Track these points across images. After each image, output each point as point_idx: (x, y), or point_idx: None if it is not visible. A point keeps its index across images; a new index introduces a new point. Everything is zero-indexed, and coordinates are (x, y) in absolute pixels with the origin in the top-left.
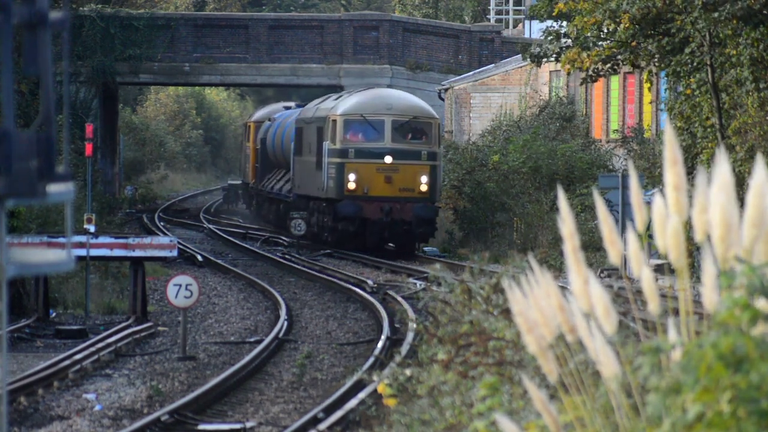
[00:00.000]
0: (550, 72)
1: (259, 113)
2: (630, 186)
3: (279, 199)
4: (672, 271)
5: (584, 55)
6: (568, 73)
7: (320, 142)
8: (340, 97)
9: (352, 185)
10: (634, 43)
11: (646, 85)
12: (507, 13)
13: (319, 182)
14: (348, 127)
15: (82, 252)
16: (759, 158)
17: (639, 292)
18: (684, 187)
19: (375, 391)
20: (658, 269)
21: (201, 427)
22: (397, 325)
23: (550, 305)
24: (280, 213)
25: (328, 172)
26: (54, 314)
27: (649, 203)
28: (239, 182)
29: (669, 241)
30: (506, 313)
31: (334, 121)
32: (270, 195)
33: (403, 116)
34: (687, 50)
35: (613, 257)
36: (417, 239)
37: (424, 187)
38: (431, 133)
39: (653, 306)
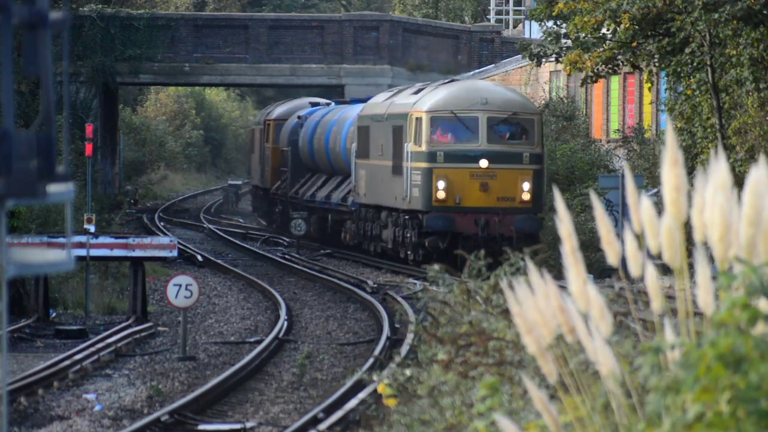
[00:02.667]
0: (550, 72)
1: (279, 110)
2: (628, 187)
3: (324, 208)
4: (666, 272)
5: (585, 56)
6: (569, 74)
7: (398, 143)
8: (421, 90)
9: (441, 194)
10: (634, 44)
11: (646, 86)
12: (507, 13)
13: (398, 191)
14: (436, 126)
15: (82, 252)
16: (762, 159)
17: (639, 292)
18: (684, 187)
19: (375, 391)
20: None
21: (201, 427)
22: (397, 326)
23: (549, 306)
24: (328, 225)
25: (410, 179)
26: (54, 314)
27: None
28: (239, 182)
29: (663, 240)
30: (506, 313)
31: (418, 118)
32: (309, 204)
33: (501, 112)
34: (687, 50)
35: (611, 258)
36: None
37: (526, 196)
38: (534, 131)
39: (657, 305)
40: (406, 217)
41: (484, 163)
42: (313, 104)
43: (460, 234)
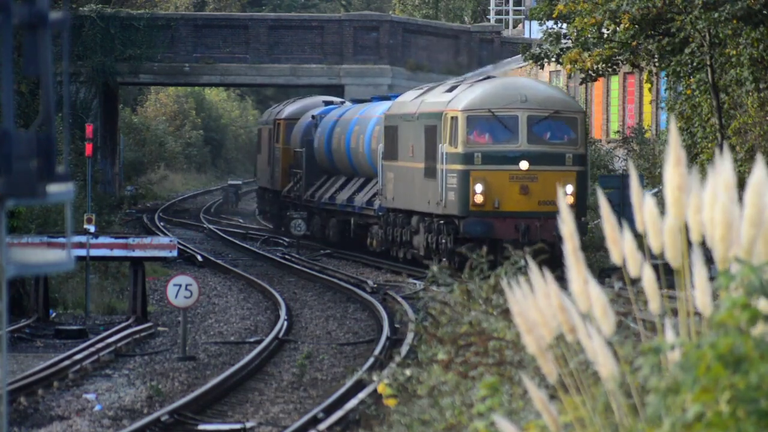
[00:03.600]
0: (550, 72)
1: (290, 109)
2: (630, 186)
3: (346, 212)
4: (668, 272)
5: (585, 55)
6: (569, 75)
7: (430, 144)
8: (455, 87)
9: (479, 198)
10: (634, 43)
11: (646, 85)
12: (507, 13)
13: (431, 194)
14: (472, 126)
15: (82, 252)
16: (759, 158)
17: (639, 292)
18: (687, 187)
19: (375, 391)
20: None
21: (201, 427)
22: (397, 326)
23: (549, 305)
24: (350, 230)
25: (445, 182)
26: (54, 314)
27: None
28: (239, 182)
29: (666, 240)
30: (506, 313)
31: (454, 118)
32: (327, 207)
33: (542, 110)
34: (687, 50)
35: (616, 257)
36: (562, 265)
37: (569, 199)
38: (577, 130)
39: (655, 305)
40: (441, 222)
41: (524, 164)
42: (327, 103)
43: (499, 240)
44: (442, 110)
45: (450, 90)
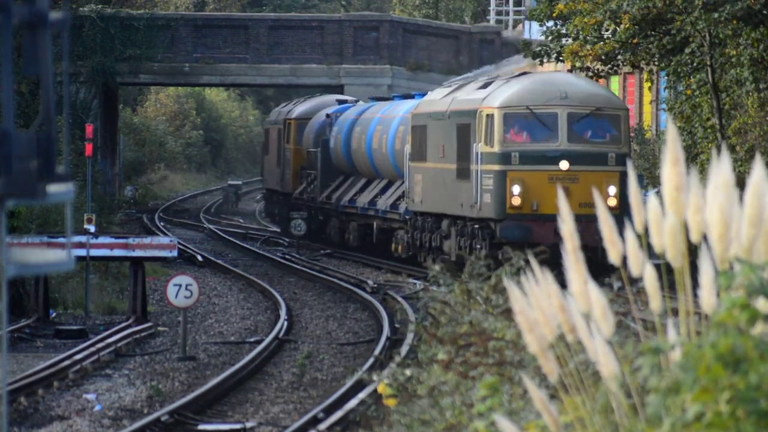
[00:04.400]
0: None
1: (301, 108)
2: (629, 186)
3: (368, 216)
4: (669, 272)
5: (587, 47)
6: (570, 70)
7: (463, 143)
8: (490, 83)
9: (516, 200)
10: (635, 41)
11: (646, 85)
12: (507, 14)
13: (465, 197)
14: (509, 124)
15: (82, 252)
16: (758, 158)
17: (638, 292)
18: (685, 186)
19: (375, 391)
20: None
21: (201, 427)
22: (397, 326)
23: (550, 305)
24: (371, 235)
25: (480, 184)
26: (54, 314)
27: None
28: (239, 182)
29: (666, 241)
30: (506, 313)
31: (489, 116)
32: (346, 210)
33: (583, 107)
34: (687, 50)
35: (614, 257)
36: (605, 270)
37: (612, 201)
38: (620, 128)
39: (656, 305)
40: (476, 226)
41: (564, 164)
42: (340, 101)
43: (537, 245)
44: (476, 108)
45: (484, 86)
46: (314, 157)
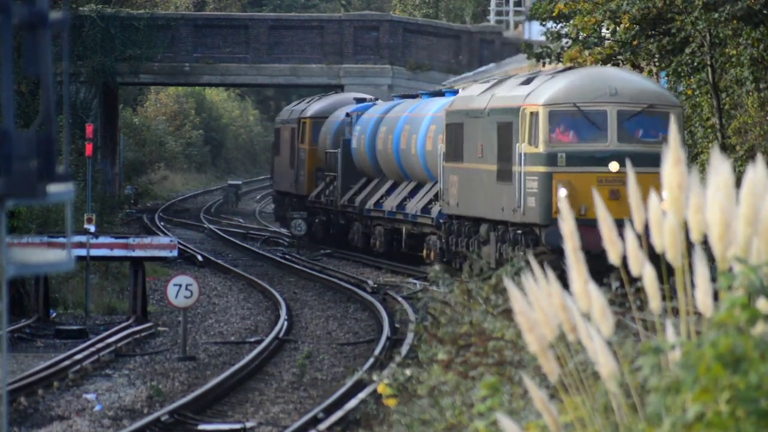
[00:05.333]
0: None
1: (317, 107)
2: (629, 184)
3: (396, 220)
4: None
5: (586, 53)
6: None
7: (504, 143)
8: (533, 79)
9: (563, 204)
10: (635, 43)
11: None
12: (507, 14)
13: (506, 200)
14: (555, 122)
15: (82, 252)
16: (759, 158)
17: (638, 291)
18: (686, 186)
19: (375, 391)
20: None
21: (201, 427)
22: (397, 326)
23: (551, 304)
24: (399, 240)
25: (524, 186)
26: (54, 314)
27: None
28: (239, 182)
29: (666, 240)
30: (506, 313)
31: (534, 113)
32: (370, 214)
33: (634, 104)
34: (687, 50)
35: (613, 257)
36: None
37: (666, 205)
38: (673, 127)
39: (655, 305)
40: (518, 231)
41: (614, 166)
42: (359, 100)
43: (586, 252)
44: (518, 105)
45: (527, 82)
46: (333, 159)
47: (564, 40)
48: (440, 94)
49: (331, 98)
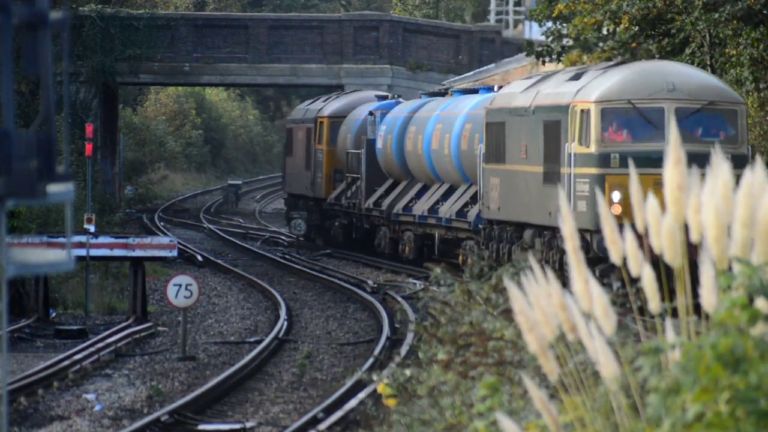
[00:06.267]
0: None
1: (335, 106)
2: (631, 186)
3: (428, 225)
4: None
5: (585, 57)
6: None
7: (551, 143)
8: (582, 74)
9: (616, 208)
10: (634, 44)
11: None
12: (507, 13)
13: (554, 204)
14: (608, 120)
15: (82, 252)
16: (758, 159)
17: (638, 291)
18: (686, 186)
19: (375, 391)
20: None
21: (201, 427)
22: (397, 326)
23: (551, 304)
24: (431, 246)
25: (573, 189)
26: (54, 314)
27: None
28: (239, 182)
29: (664, 241)
30: (506, 313)
31: (585, 111)
32: (399, 219)
33: (693, 101)
34: (687, 50)
35: (615, 256)
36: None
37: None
38: (736, 125)
39: (654, 305)
40: None
41: None
42: (380, 98)
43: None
44: (567, 102)
45: (576, 77)
46: (355, 160)
47: (565, 40)
48: (474, 91)
49: (350, 96)
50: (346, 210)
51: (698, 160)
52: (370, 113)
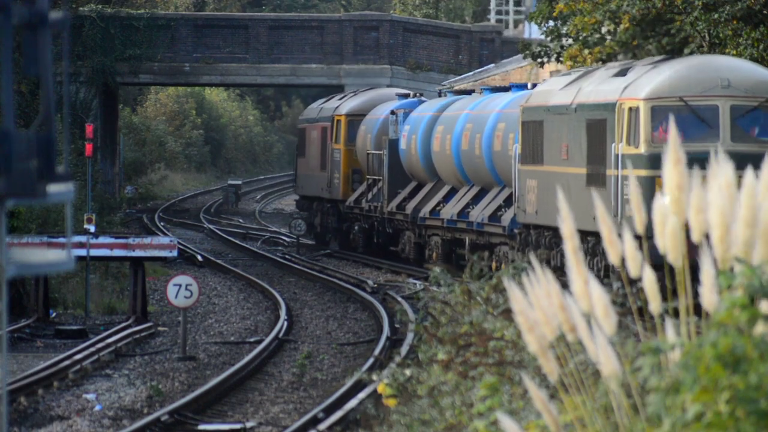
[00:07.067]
0: (551, 72)
1: (353, 104)
2: (630, 185)
3: (457, 229)
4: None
5: (586, 51)
6: (570, 73)
7: (596, 143)
8: (628, 69)
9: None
10: (634, 43)
11: None
12: (507, 13)
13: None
14: (658, 119)
15: (82, 252)
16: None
17: (639, 291)
18: (686, 186)
19: (375, 391)
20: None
21: (201, 427)
22: (397, 326)
23: (551, 304)
24: (464, 251)
25: (620, 193)
26: (54, 314)
27: None
28: (239, 182)
29: (668, 241)
30: (506, 313)
31: (633, 109)
32: (425, 223)
33: (750, 98)
34: (687, 51)
35: (613, 258)
36: None
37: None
38: None
39: (655, 306)
40: None
41: None
42: (402, 96)
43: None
44: (614, 99)
45: (622, 73)
46: (376, 161)
47: (564, 39)
48: (505, 89)
49: (368, 94)
50: (367, 213)
51: (755, 161)
52: (392, 112)
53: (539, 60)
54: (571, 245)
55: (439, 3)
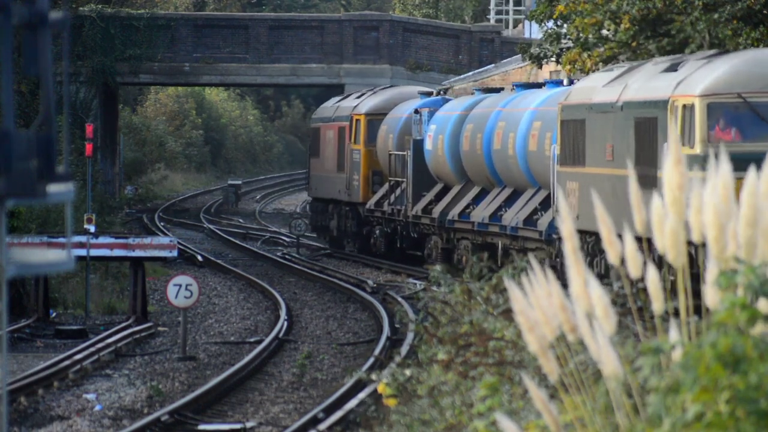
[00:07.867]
0: (550, 72)
1: (372, 102)
2: (630, 186)
3: (489, 233)
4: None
5: (585, 55)
6: (569, 75)
7: (644, 142)
8: (679, 64)
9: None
10: (634, 44)
11: None
12: (507, 13)
13: (649, 212)
14: (715, 117)
15: (82, 252)
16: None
17: (639, 291)
18: (686, 186)
19: (375, 391)
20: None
21: (201, 427)
22: (397, 326)
23: (551, 304)
24: (493, 257)
25: None
26: (54, 314)
27: None
28: (239, 182)
29: (667, 241)
30: (506, 313)
31: (688, 106)
32: (454, 226)
33: None
34: (687, 51)
35: (612, 258)
36: None
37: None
38: None
39: (658, 306)
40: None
41: None
42: (424, 94)
43: None
44: (666, 96)
45: (672, 68)
46: (400, 162)
47: (563, 41)
48: (538, 85)
49: (388, 92)
50: (389, 217)
51: None
52: (416, 111)
53: (538, 63)
54: (570, 245)
55: (439, 3)
